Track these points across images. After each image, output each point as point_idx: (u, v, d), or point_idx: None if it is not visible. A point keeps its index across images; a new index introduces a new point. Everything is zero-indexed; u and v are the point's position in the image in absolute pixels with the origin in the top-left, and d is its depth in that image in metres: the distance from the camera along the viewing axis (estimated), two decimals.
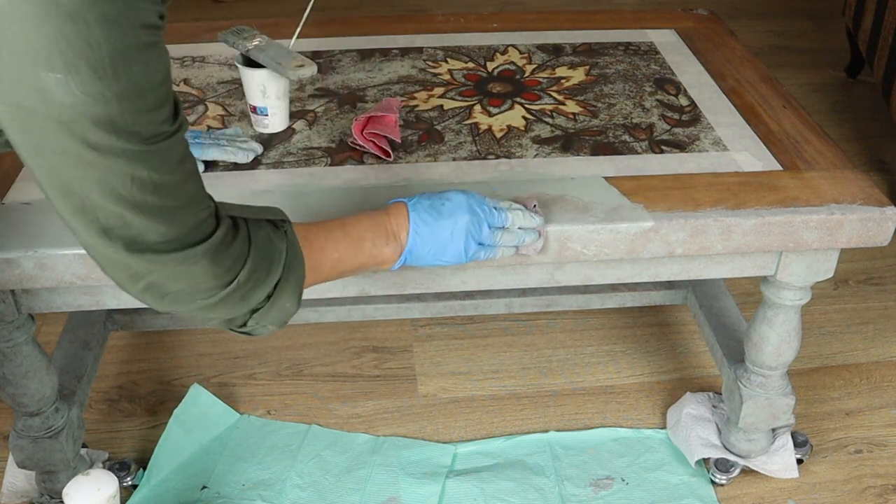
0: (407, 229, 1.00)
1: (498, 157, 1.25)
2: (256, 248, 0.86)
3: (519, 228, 1.05)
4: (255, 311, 0.88)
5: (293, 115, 1.34)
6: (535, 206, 1.10)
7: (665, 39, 1.62)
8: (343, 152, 1.26)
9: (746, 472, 1.42)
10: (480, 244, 1.02)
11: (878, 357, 1.70)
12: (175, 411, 1.48)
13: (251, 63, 1.26)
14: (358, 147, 1.26)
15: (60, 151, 0.71)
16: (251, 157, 1.23)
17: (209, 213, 0.82)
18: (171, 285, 0.81)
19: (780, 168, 1.23)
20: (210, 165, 1.22)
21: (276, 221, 0.91)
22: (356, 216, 1.00)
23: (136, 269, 0.79)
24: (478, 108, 1.38)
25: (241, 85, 1.35)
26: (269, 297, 0.88)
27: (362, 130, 1.24)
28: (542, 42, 1.60)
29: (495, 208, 1.04)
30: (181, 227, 0.79)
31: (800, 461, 1.44)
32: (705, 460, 1.43)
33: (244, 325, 0.89)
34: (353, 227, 0.99)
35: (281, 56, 1.22)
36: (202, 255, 0.80)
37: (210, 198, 0.83)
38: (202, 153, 1.20)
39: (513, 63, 1.53)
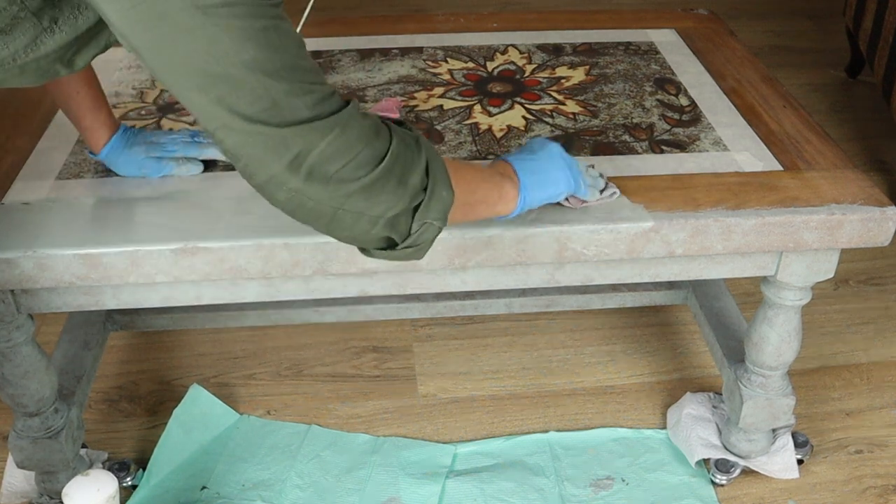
0: (513, 168, 1.04)
1: (498, 156, 1.25)
2: (393, 130, 0.87)
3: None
4: (415, 209, 0.88)
5: None
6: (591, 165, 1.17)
7: (665, 39, 1.62)
8: None
9: (747, 472, 1.42)
10: (579, 174, 1.08)
11: (878, 357, 1.69)
12: (175, 411, 1.48)
13: None
14: None
15: (188, 29, 0.73)
16: None
17: (335, 88, 0.83)
18: (331, 163, 0.81)
19: (781, 168, 1.23)
20: (209, 165, 1.21)
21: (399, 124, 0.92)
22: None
23: (296, 147, 0.79)
24: (478, 107, 1.38)
25: None
26: (424, 188, 0.88)
27: None
28: (542, 42, 1.60)
29: None
30: (321, 93, 0.80)
31: (800, 461, 1.44)
32: (705, 460, 1.43)
33: (408, 232, 0.89)
34: (469, 163, 1.03)
35: None
36: (349, 118, 0.81)
37: None
38: (201, 153, 1.20)
39: (513, 63, 1.52)
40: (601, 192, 1.13)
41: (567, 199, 1.11)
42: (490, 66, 1.52)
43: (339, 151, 0.81)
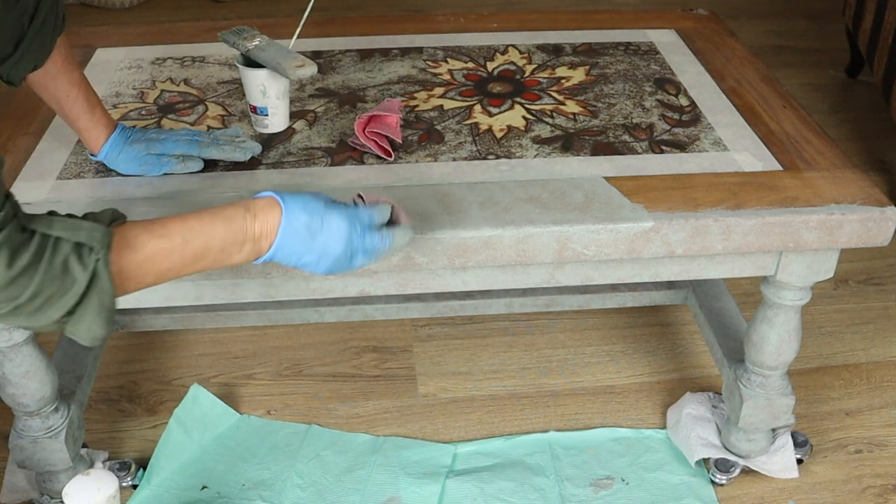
0: (272, 238, 0.94)
1: (498, 157, 1.25)
2: (48, 268, 0.82)
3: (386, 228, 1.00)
4: (64, 321, 0.86)
5: (293, 115, 1.34)
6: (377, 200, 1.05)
7: (665, 39, 1.62)
8: (343, 152, 1.26)
9: (746, 472, 1.42)
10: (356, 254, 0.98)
11: (878, 357, 1.70)
12: (175, 411, 1.48)
13: (251, 63, 1.26)
14: (358, 147, 1.26)
15: None
16: (249, 156, 1.23)
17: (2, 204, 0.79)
18: None
19: (781, 168, 1.23)
20: (210, 165, 1.22)
21: (85, 246, 0.86)
22: (212, 217, 0.93)
23: None
24: (478, 108, 1.38)
25: (241, 85, 1.34)
26: (70, 312, 0.85)
27: (364, 129, 1.24)
28: (542, 42, 1.60)
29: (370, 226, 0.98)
30: None
31: (800, 461, 1.44)
32: (705, 460, 1.43)
33: (62, 331, 0.87)
34: (199, 232, 0.92)
35: (281, 56, 1.22)
36: None
37: (7, 197, 0.80)
38: (201, 152, 1.20)
39: (513, 63, 1.53)
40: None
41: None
42: (490, 66, 1.52)
43: None
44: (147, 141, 1.19)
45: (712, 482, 1.41)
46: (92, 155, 1.21)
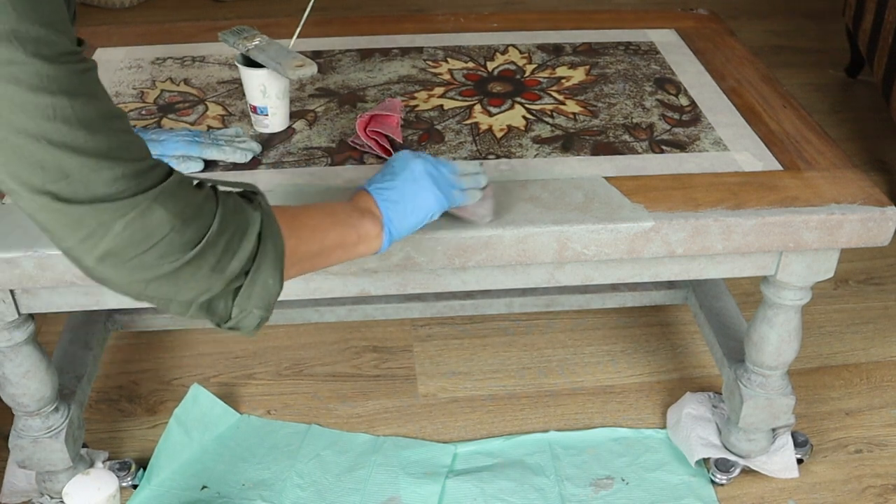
0: (374, 201, 0.98)
1: (498, 156, 1.25)
2: (224, 208, 0.79)
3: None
4: (236, 291, 0.81)
5: (293, 115, 1.34)
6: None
7: (665, 39, 1.62)
8: (343, 152, 1.26)
9: (746, 471, 1.42)
10: (451, 186, 1.03)
11: (878, 357, 1.70)
12: (175, 411, 1.48)
13: (251, 63, 1.26)
14: (358, 147, 1.26)
15: None
16: (249, 157, 1.23)
17: (158, 162, 0.76)
18: (130, 248, 0.73)
19: (781, 168, 1.23)
20: (210, 165, 1.22)
21: (246, 193, 0.85)
22: (325, 214, 0.95)
23: (90, 227, 0.72)
24: (478, 107, 1.38)
25: (241, 85, 1.34)
26: (246, 272, 0.81)
27: (365, 128, 1.24)
28: (542, 42, 1.60)
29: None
30: (126, 166, 0.72)
31: (800, 461, 1.45)
32: (705, 460, 1.43)
33: (229, 315, 0.83)
34: (323, 205, 0.96)
35: (281, 56, 1.22)
36: (155, 199, 0.73)
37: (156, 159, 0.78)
38: (201, 152, 1.20)
39: (513, 63, 1.53)
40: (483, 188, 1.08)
41: (450, 211, 1.05)
42: (490, 66, 1.52)
43: (136, 237, 0.73)
44: (147, 141, 1.19)
45: (712, 482, 1.41)
46: None
